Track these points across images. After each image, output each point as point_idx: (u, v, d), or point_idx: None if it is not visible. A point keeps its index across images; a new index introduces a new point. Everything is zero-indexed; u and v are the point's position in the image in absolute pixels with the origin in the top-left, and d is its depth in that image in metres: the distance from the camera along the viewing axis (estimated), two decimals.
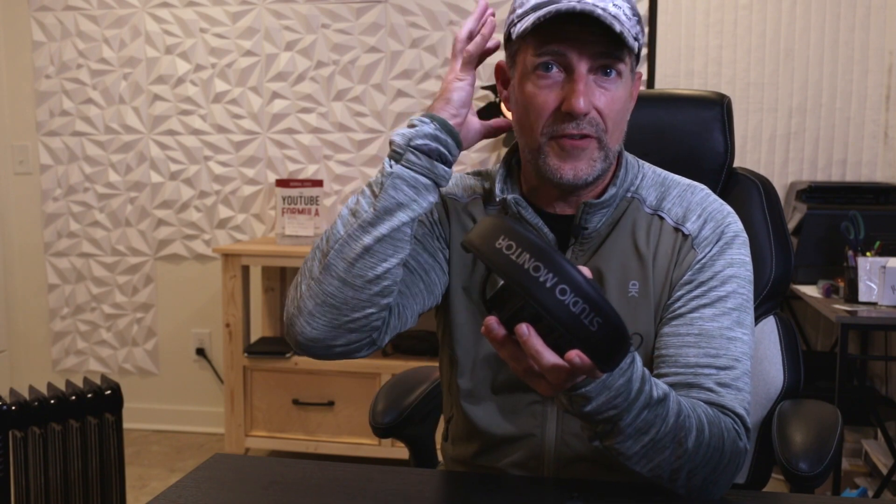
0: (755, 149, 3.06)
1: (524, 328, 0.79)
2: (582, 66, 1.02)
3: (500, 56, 1.16)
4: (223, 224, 3.46)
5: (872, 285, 2.36)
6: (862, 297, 2.37)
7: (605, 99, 1.04)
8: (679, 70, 3.08)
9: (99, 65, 3.46)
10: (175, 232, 3.50)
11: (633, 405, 0.90)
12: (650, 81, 3.10)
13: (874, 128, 3.00)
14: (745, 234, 1.14)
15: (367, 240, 1.02)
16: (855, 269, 2.39)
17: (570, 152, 1.05)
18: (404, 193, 1.02)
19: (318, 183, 3.17)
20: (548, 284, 0.73)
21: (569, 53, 1.02)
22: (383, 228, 1.02)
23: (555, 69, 1.04)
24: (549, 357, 0.79)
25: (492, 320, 0.81)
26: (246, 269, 3.05)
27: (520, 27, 1.04)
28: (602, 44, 1.02)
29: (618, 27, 0.99)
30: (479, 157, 3.25)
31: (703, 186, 1.17)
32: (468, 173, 1.24)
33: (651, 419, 0.92)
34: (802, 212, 2.70)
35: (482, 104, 3.17)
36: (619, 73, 1.05)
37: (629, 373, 0.89)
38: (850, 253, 2.44)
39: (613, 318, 0.76)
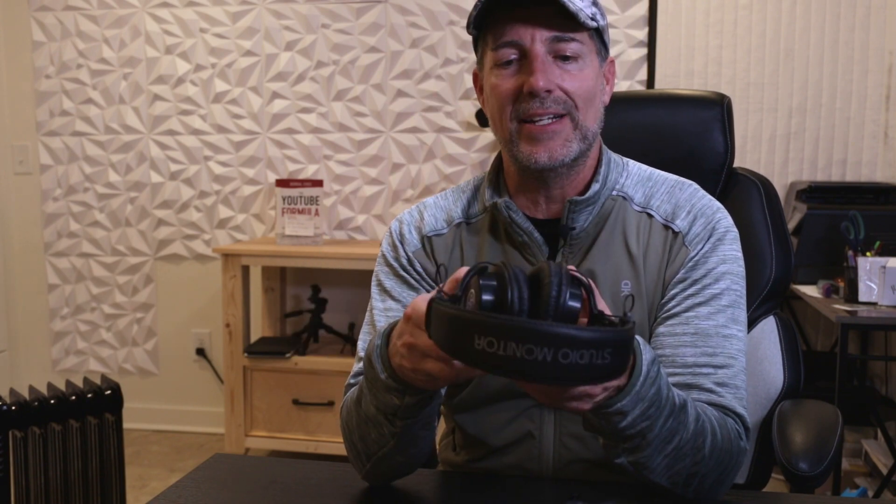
0: (755, 149, 3.06)
1: None
2: (537, 47, 1.04)
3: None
4: (223, 224, 3.46)
5: (872, 285, 2.36)
6: (862, 297, 2.37)
7: (570, 78, 1.06)
8: (679, 70, 3.08)
9: (99, 65, 3.46)
10: (175, 232, 3.50)
11: (662, 413, 0.89)
12: (650, 81, 3.10)
13: (874, 128, 3.00)
14: (736, 230, 1.13)
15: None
16: (855, 269, 2.39)
17: (538, 137, 1.06)
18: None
19: (318, 183, 3.17)
20: (549, 359, 0.68)
21: (522, 38, 1.04)
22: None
23: (514, 58, 1.06)
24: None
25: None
26: (246, 269, 3.05)
27: (472, 17, 1.06)
28: (553, 21, 1.04)
29: (571, 6, 1.01)
30: (479, 157, 3.25)
31: (690, 182, 1.16)
32: (448, 191, 1.23)
33: (675, 427, 0.91)
34: (802, 212, 2.70)
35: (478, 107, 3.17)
36: (580, 56, 1.06)
37: (658, 380, 0.88)
38: (850, 253, 2.44)
39: (616, 339, 0.71)
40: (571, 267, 0.81)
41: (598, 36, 1.09)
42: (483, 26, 1.09)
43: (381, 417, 0.96)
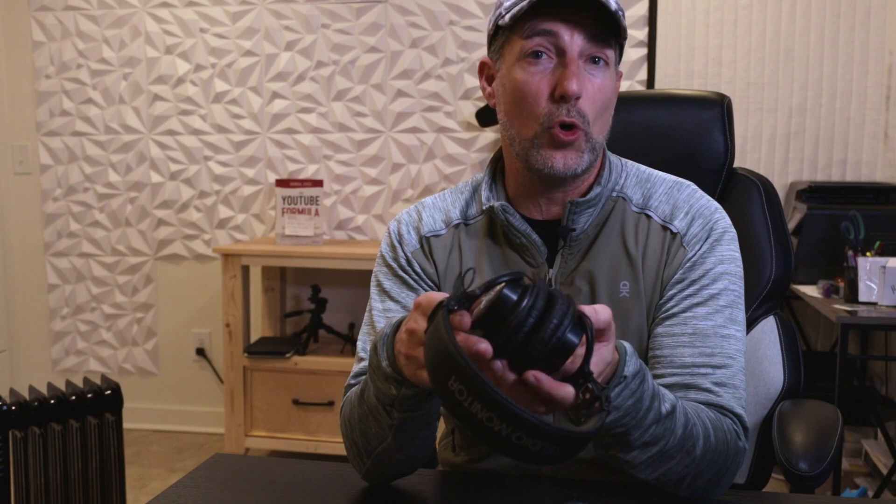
0: (755, 149, 3.06)
1: (531, 377, 0.75)
2: (574, 48, 1.03)
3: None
4: (223, 224, 3.46)
5: (872, 285, 2.36)
6: (862, 297, 2.37)
7: (593, 87, 1.04)
8: (679, 70, 3.08)
9: (99, 65, 3.46)
10: (175, 232, 3.50)
11: (643, 422, 0.89)
12: (650, 81, 3.10)
13: (874, 128, 3.00)
14: (734, 230, 1.13)
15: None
16: (855, 269, 2.39)
17: (560, 145, 1.05)
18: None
19: (318, 183, 3.17)
20: (503, 434, 0.71)
21: (561, 33, 1.02)
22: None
23: (544, 55, 1.04)
24: (568, 391, 0.76)
25: (498, 366, 0.76)
26: (246, 269, 3.05)
27: (513, 9, 1.03)
28: (594, 26, 1.02)
29: (613, 5, 1.00)
30: (479, 157, 3.25)
31: (689, 183, 1.16)
32: (447, 191, 1.22)
33: (660, 433, 0.91)
34: (802, 212, 2.70)
35: (482, 104, 3.17)
36: (607, 63, 1.06)
37: (639, 392, 0.87)
38: (850, 253, 2.44)
39: (574, 440, 0.73)
40: (583, 308, 0.79)
41: (619, 47, 1.09)
42: (516, 17, 1.05)
43: (380, 409, 0.96)
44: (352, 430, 1.04)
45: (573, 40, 1.02)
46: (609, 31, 1.03)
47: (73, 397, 2.20)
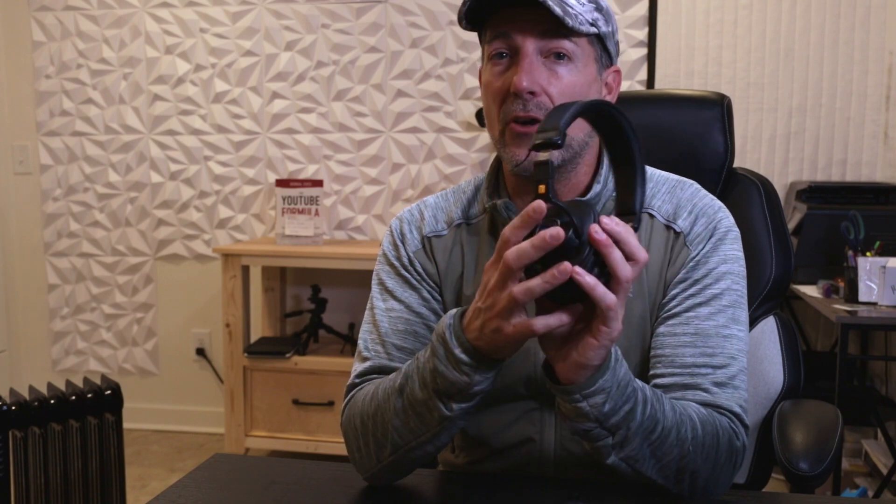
0: (755, 149, 3.06)
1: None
2: (527, 46, 1.03)
3: None
4: (223, 224, 3.46)
5: (872, 285, 2.36)
6: (862, 297, 2.37)
7: (556, 83, 1.04)
8: (679, 70, 3.08)
9: (99, 65, 3.46)
10: (175, 232, 3.50)
11: (638, 399, 0.90)
12: (650, 81, 3.10)
13: (874, 128, 3.00)
14: (737, 229, 1.13)
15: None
16: (855, 269, 2.39)
17: (521, 138, 1.05)
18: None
19: (318, 183, 3.17)
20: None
21: (512, 33, 1.04)
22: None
23: (506, 56, 1.05)
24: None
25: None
26: (246, 269, 3.05)
27: (463, 16, 1.06)
28: (544, 23, 1.03)
29: (557, 10, 1.00)
30: (479, 157, 3.25)
31: (691, 182, 1.16)
32: (448, 191, 1.22)
33: (654, 414, 0.92)
34: (802, 212, 2.70)
35: (481, 104, 3.17)
36: (571, 57, 1.05)
37: (623, 363, 0.89)
38: (850, 253, 2.44)
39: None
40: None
41: (600, 42, 1.09)
42: (482, 21, 1.08)
43: (433, 402, 0.94)
44: (373, 427, 1.02)
45: (524, 38, 1.04)
46: (563, 26, 1.03)
47: (73, 397, 2.20)
